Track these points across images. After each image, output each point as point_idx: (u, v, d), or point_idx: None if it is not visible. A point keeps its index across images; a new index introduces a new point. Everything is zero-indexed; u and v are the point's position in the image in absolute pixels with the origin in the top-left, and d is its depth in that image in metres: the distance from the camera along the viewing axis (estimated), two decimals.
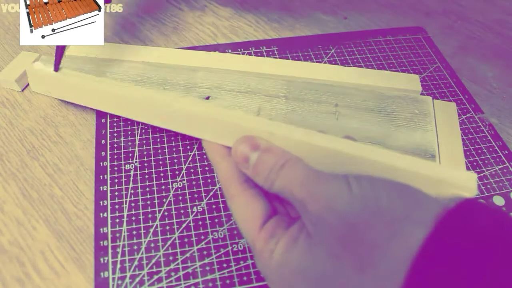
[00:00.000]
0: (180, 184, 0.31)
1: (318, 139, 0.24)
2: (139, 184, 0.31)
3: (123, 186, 0.31)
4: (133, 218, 0.29)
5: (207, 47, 0.41)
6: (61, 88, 0.32)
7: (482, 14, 0.47)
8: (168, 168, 0.32)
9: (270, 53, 0.40)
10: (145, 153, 0.33)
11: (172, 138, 0.34)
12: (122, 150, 0.33)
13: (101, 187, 0.30)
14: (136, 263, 0.27)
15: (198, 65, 0.35)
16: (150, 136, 0.34)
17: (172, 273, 0.27)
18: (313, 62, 0.40)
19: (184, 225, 0.29)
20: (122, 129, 0.34)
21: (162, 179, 0.31)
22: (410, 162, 0.24)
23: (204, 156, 0.32)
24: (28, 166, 0.31)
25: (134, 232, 0.28)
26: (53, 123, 0.34)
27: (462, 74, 0.40)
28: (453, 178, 0.23)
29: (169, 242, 0.28)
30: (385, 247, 0.17)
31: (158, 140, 0.33)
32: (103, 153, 0.32)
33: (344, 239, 0.18)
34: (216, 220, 0.29)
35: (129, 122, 0.34)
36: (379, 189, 0.18)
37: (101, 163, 0.32)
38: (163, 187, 0.31)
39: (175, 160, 0.32)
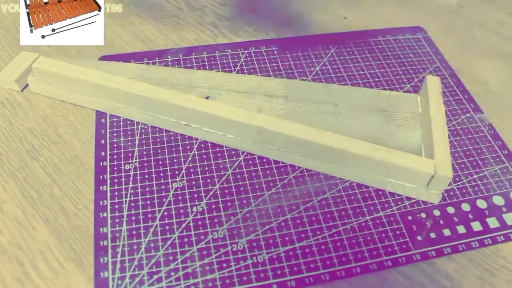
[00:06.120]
0: (179, 184, 0.31)
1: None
2: (139, 184, 0.31)
3: (123, 186, 0.31)
4: (133, 218, 0.29)
5: (207, 47, 0.41)
6: (67, 82, 0.32)
7: (482, 14, 0.47)
8: (168, 168, 0.32)
9: (270, 53, 0.40)
10: (145, 153, 0.33)
11: (172, 138, 0.34)
12: (122, 150, 0.33)
13: (101, 187, 0.30)
14: (136, 263, 0.27)
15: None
16: (150, 136, 0.34)
17: (172, 273, 0.27)
18: (313, 62, 0.39)
19: (184, 225, 0.29)
20: (122, 129, 0.34)
21: (162, 179, 0.31)
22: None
23: (204, 156, 0.33)
24: (27, 166, 0.31)
25: (134, 232, 0.28)
26: (53, 123, 0.34)
27: (462, 74, 0.40)
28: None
29: (169, 242, 0.28)
30: None
31: (158, 140, 0.33)
32: (102, 153, 0.32)
33: None
34: (216, 220, 0.29)
35: (128, 122, 0.34)
36: None
37: (101, 163, 0.32)
38: (162, 187, 0.31)
39: (175, 160, 0.32)
